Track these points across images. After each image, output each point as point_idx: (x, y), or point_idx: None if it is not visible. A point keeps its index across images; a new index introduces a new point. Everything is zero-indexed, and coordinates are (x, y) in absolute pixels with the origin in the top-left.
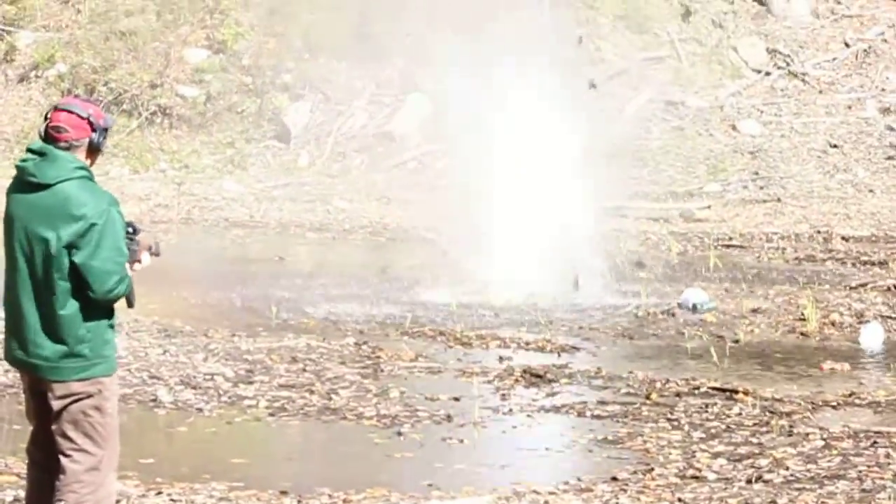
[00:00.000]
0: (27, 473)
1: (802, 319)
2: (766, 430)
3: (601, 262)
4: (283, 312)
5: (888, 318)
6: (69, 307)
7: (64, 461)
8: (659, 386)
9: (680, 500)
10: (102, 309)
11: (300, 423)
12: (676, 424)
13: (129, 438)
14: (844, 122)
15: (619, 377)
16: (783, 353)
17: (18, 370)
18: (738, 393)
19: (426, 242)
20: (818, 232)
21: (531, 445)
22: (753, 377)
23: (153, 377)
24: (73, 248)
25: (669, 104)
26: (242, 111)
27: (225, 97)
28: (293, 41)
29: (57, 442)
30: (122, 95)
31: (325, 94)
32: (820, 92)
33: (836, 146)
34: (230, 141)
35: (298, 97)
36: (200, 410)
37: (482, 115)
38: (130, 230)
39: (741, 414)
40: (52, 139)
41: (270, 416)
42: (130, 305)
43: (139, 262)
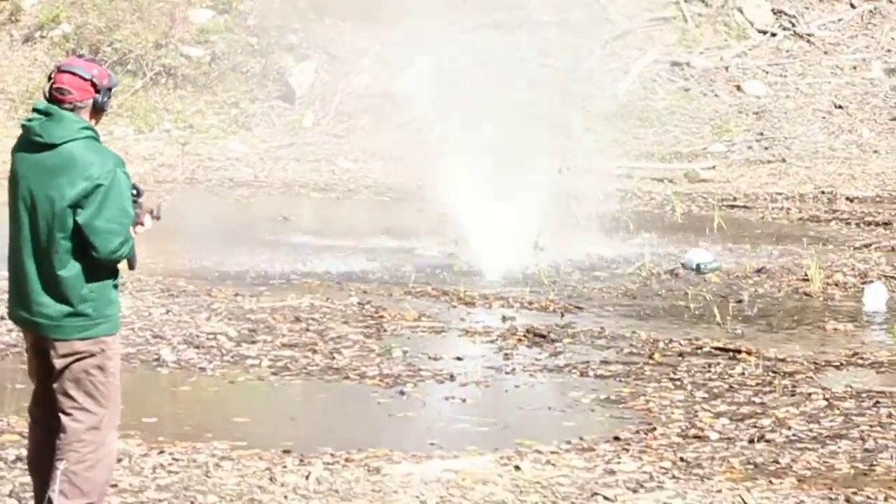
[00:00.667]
0: (29, 433)
1: (806, 280)
2: (768, 389)
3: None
4: (286, 272)
5: (892, 278)
6: (70, 268)
7: (65, 420)
8: (662, 346)
9: (682, 459)
10: (106, 269)
11: (303, 382)
12: (679, 384)
13: (131, 398)
14: (850, 82)
15: (622, 337)
16: (786, 313)
17: (22, 329)
18: (740, 353)
19: (429, 202)
20: (822, 192)
21: (534, 405)
22: (756, 337)
23: (156, 336)
24: (77, 207)
25: (675, 65)
26: (247, 71)
27: (230, 57)
28: (299, 1)
29: (58, 401)
30: (126, 55)
31: (330, 54)
32: (825, 53)
33: (840, 107)
34: (235, 101)
35: (303, 57)
36: (203, 370)
37: (485, 76)
38: (134, 192)
39: (744, 374)
40: (55, 101)
41: (273, 375)
42: (132, 267)
43: (142, 224)
